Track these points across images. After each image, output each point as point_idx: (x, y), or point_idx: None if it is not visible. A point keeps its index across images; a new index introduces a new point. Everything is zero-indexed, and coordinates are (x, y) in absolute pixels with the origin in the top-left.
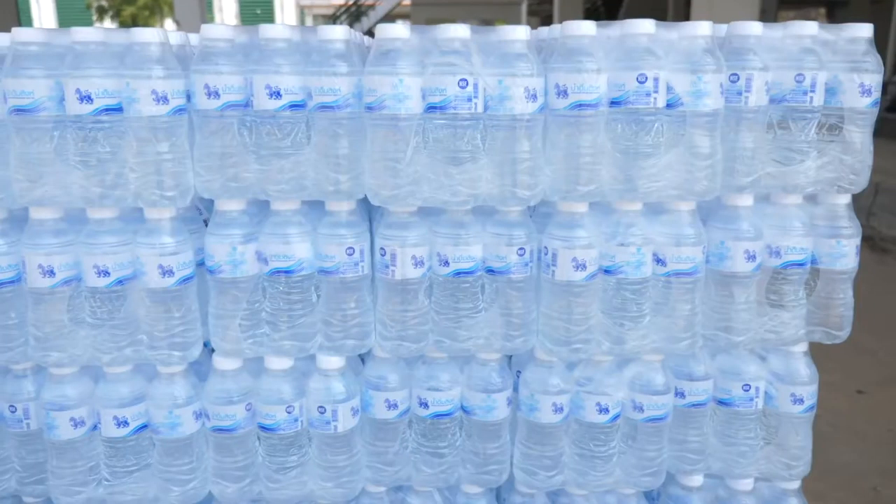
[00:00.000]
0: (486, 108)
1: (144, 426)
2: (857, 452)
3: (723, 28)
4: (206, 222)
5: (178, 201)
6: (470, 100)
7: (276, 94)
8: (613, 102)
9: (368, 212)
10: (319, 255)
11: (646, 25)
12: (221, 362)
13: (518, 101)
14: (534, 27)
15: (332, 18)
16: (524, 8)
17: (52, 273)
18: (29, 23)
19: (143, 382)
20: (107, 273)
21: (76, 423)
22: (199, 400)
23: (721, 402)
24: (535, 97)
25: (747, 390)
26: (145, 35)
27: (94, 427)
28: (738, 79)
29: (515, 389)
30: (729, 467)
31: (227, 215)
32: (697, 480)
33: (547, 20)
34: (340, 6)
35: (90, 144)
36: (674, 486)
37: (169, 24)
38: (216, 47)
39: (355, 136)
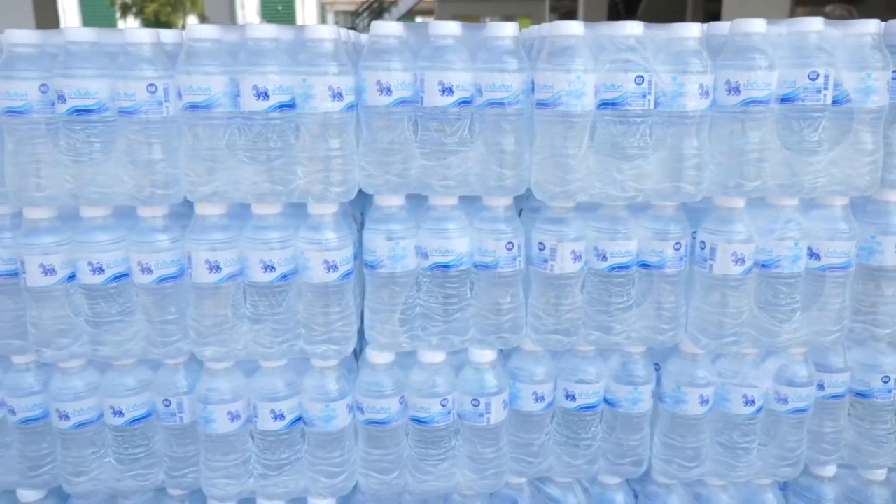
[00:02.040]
0: (656, 104)
1: (298, 419)
2: None
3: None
4: (353, 217)
5: (344, 196)
6: (644, 96)
7: (449, 91)
8: (783, 99)
9: None
10: (478, 250)
11: (815, 23)
12: (376, 356)
13: (691, 97)
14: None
15: (354, 14)
16: (547, 4)
17: (218, 268)
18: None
19: (295, 376)
20: (272, 268)
21: (233, 417)
22: (352, 393)
23: (858, 394)
24: (707, 94)
25: (886, 382)
26: (320, 32)
27: (249, 421)
28: None
29: (657, 382)
30: (863, 458)
31: (386, 210)
32: (831, 471)
33: (566, 16)
34: (363, 2)
35: (263, 140)
36: (805, 475)
37: (192, 19)
38: (386, 44)
39: (521, 132)
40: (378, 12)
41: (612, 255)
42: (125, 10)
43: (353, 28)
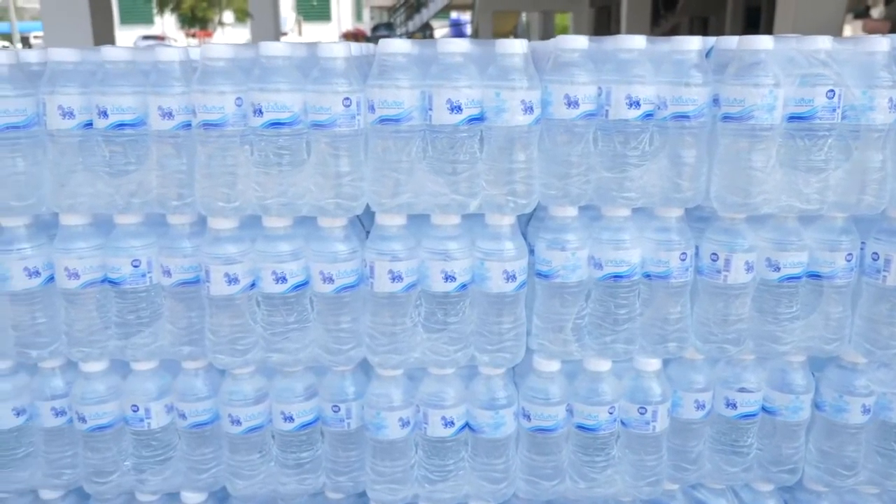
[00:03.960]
0: (843, 117)
1: (465, 426)
2: None
3: None
4: None
5: (527, 208)
6: (833, 110)
7: (636, 104)
8: None
9: None
10: (651, 261)
11: None
12: (545, 364)
13: (881, 111)
14: (591, 18)
15: (391, 10)
16: None
17: (399, 278)
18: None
19: (460, 382)
20: (452, 278)
21: (403, 423)
22: (517, 401)
23: None
24: (895, 107)
25: None
26: (513, 46)
27: (417, 426)
28: None
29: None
30: None
31: (561, 221)
32: None
33: (602, 11)
34: None
35: (451, 153)
36: None
37: (227, 16)
38: (572, 58)
39: (701, 145)
40: (416, 7)
41: (785, 266)
42: (162, 6)
43: (390, 24)
